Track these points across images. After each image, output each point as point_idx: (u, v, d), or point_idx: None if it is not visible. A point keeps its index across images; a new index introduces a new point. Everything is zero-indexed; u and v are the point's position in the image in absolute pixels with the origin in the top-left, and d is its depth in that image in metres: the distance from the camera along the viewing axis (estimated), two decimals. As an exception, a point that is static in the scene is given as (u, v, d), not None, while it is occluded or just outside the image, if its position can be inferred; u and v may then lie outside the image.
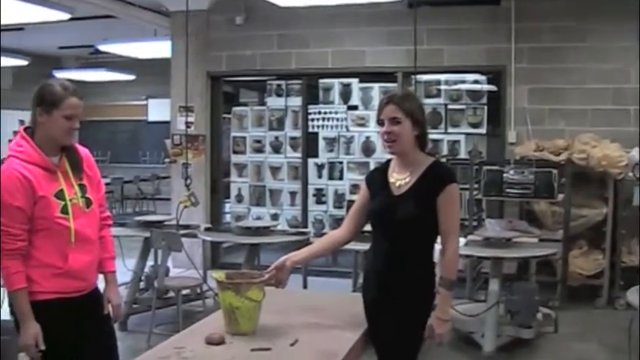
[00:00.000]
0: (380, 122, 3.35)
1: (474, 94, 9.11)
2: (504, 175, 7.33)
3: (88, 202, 3.34)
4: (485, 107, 9.00)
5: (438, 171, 3.33)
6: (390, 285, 3.31)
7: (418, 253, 3.32)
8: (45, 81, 3.30)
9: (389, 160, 3.48)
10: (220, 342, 3.02)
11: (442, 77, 9.23)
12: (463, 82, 9.21)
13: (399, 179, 3.36)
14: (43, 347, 3.16)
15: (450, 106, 9.18)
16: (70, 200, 3.24)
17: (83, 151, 3.44)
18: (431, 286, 3.34)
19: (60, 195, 3.22)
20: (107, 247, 3.53)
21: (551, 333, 6.52)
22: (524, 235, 6.68)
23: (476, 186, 7.62)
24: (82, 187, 3.33)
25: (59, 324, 3.23)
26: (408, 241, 3.30)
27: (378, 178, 3.47)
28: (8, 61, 12.44)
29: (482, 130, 9.03)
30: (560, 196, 7.31)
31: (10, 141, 3.29)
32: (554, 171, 7.24)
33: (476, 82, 9.15)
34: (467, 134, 9.10)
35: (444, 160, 8.38)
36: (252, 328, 3.18)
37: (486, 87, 9.07)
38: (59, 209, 3.20)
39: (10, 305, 3.26)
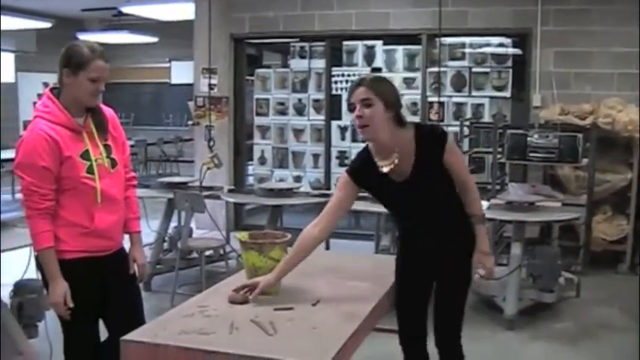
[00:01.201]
0: (351, 107, 3.23)
1: (499, 57, 9.02)
2: (528, 139, 7.28)
3: (114, 163, 3.37)
4: (510, 70, 8.92)
5: (428, 136, 3.28)
6: (437, 253, 3.39)
7: (451, 209, 3.37)
8: (72, 42, 3.30)
9: (366, 150, 3.37)
10: (244, 301, 3.05)
11: (467, 40, 9.14)
12: (488, 45, 9.11)
13: (388, 164, 3.26)
14: (71, 305, 3.22)
15: (474, 69, 9.10)
16: (96, 160, 3.27)
17: (108, 111, 3.46)
18: (472, 236, 3.43)
19: (85, 155, 3.25)
20: (132, 207, 3.56)
21: (573, 297, 6.52)
22: (547, 200, 6.65)
23: (499, 150, 7.58)
24: (107, 147, 3.35)
25: (86, 282, 3.28)
26: (437, 209, 3.33)
27: (367, 171, 3.32)
28: (31, 24, 12.43)
29: (507, 94, 8.96)
30: (585, 161, 7.26)
31: (34, 103, 3.31)
32: (579, 135, 7.18)
33: (501, 45, 9.06)
34: (491, 98, 9.03)
35: (467, 123, 8.36)
36: (275, 288, 3.20)
37: (511, 50, 8.98)
38: (85, 169, 3.23)
39: (38, 264, 3.30)
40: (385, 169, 3.27)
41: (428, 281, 3.49)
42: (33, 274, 3.45)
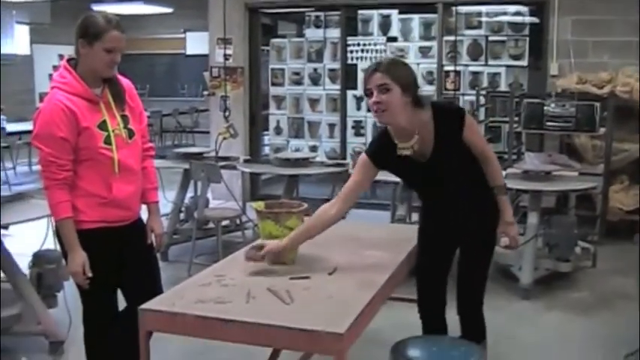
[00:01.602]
0: (367, 92, 3.20)
1: (516, 26, 8.95)
2: (545, 107, 7.23)
3: (131, 133, 3.37)
4: (527, 39, 8.85)
5: (445, 114, 3.28)
6: (459, 226, 3.42)
7: (473, 184, 3.38)
8: (88, 13, 3.29)
9: (385, 131, 3.36)
10: (260, 259, 3.12)
11: (483, 8, 9.07)
12: (504, 13, 9.04)
13: (408, 147, 3.25)
14: (90, 274, 3.24)
15: (490, 38, 9.04)
16: (113, 131, 3.28)
17: (125, 82, 3.46)
18: (494, 204, 3.45)
19: (103, 126, 3.25)
20: (150, 177, 3.57)
21: (589, 267, 6.50)
22: (563, 169, 6.62)
23: (516, 119, 7.54)
24: (124, 118, 3.36)
25: (104, 252, 3.31)
26: (459, 185, 3.34)
27: (387, 153, 3.31)
28: (46, -5, 12.45)
29: (524, 63, 8.90)
30: (602, 130, 7.21)
31: (50, 75, 3.32)
32: (597, 104, 7.12)
33: (518, 13, 8.98)
34: (508, 66, 8.97)
35: (483, 92, 8.31)
36: (292, 257, 3.22)
37: (528, 19, 8.90)
38: (102, 140, 3.24)
39: (57, 234, 3.33)
40: (406, 152, 3.26)
41: (450, 251, 3.53)
42: (51, 244, 3.48)
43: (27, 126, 10.61)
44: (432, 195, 3.50)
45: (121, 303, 3.55)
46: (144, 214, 3.57)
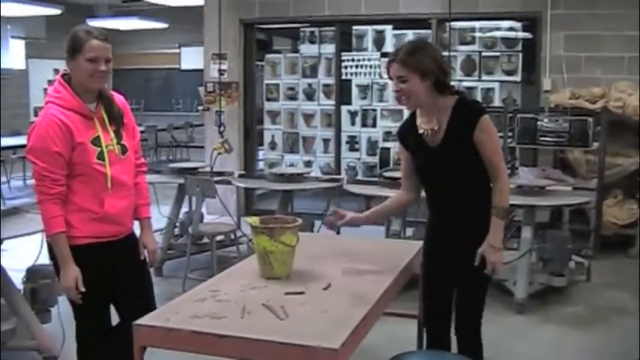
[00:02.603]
0: (390, 78, 3.32)
1: (509, 42, 9.00)
2: (538, 123, 7.27)
3: (124, 149, 3.38)
4: (520, 54, 8.89)
5: (465, 109, 3.29)
6: (460, 230, 3.40)
7: (478, 190, 3.37)
8: (73, 28, 3.31)
9: (413, 112, 3.46)
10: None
11: (477, 24, 9.11)
12: (498, 29, 9.08)
13: (427, 128, 3.33)
14: (83, 289, 3.23)
15: (484, 54, 9.08)
16: (107, 147, 3.28)
17: (118, 98, 3.47)
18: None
19: (96, 141, 3.26)
20: (142, 193, 3.57)
21: (583, 281, 6.51)
22: (557, 184, 6.65)
23: (510, 134, 7.57)
24: (117, 133, 3.36)
25: (97, 268, 3.31)
26: (463, 188, 3.33)
27: (409, 133, 3.44)
28: (42, 10, 12.46)
29: (517, 78, 8.93)
30: (595, 145, 7.25)
31: (45, 90, 3.33)
32: (590, 119, 7.16)
33: (511, 28, 9.02)
34: (501, 82, 9.01)
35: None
36: (286, 272, 3.22)
37: (521, 34, 8.95)
38: (96, 155, 3.24)
39: (50, 250, 3.33)
40: (421, 131, 3.34)
41: (453, 262, 3.47)
42: (45, 259, 3.48)
43: (21, 140, 10.61)
44: (436, 189, 3.48)
45: (114, 318, 3.55)
46: (137, 230, 3.57)
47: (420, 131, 3.35)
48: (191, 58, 15.52)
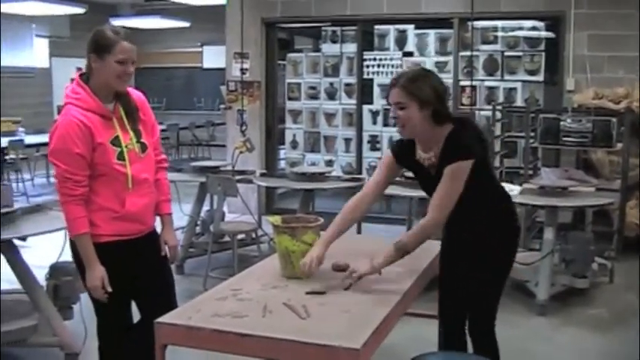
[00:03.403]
0: (389, 104, 3.27)
1: (532, 41, 8.95)
2: (561, 123, 7.22)
3: (144, 147, 3.38)
4: (543, 54, 8.84)
5: (453, 144, 3.19)
6: (464, 241, 3.40)
7: (484, 203, 3.35)
8: (97, 27, 3.31)
9: None
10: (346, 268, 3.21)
11: (499, 24, 9.06)
12: (520, 28, 9.03)
13: (425, 158, 3.31)
14: (109, 289, 3.25)
15: (506, 53, 9.03)
16: (126, 146, 3.29)
17: (137, 95, 3.46)
18: (505, 228, 3.46)
19: (116, 141, 3.26)
20: (163, 189, 3.57)
21: (606, 283, 6.47)
22: (580, 185, 6.60)
23: (532, 134, 7.53)
24: (136, 132, 3.36)
25: (119, 265, 3.32)
26: (469, 204, 3.27)
27: (408, 155, 3.38)
28: (65, 9, 12.54)
29: (540, 78, 8.88)
30: (619, 145, 7.19)
31: (66, 88, 3.33)
32: (613, 119, 7.10)
33: (534, 28, 8.97)
34: (524, 82, 8.95)
35: (499, 107, 8.29)
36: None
37: (544, 34, 8.90)
38: (116, 155, 3.25)
39: (73, 249, 3.34)
40: (420, 160, 3.32)
41: (466, 266, 3.46)
42: (68, 256, 3.50)
43: (45, 138, 10.64)
44: None
45: (135, 315, 3.56)
46: (158, 226, 3.58)
47: (417, 157, 3.33)
48: (213, 57, 15.54)
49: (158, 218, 3.59)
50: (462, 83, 8.96)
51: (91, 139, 3.18)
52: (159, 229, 3.59)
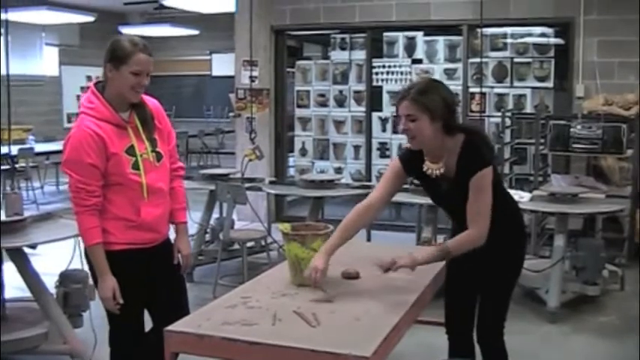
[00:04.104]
0: (398, 117, 3.22)
1: (541, 48, 8.95)
2: (571, 129, 7.21)
3: (159, 156, 3.38)
4: (553, 60, 8.83)
5: (472, 153, 3.17)
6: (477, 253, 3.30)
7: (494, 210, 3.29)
8: (116, 36, 3.31)
9: None
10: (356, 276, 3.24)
11: (508, 30, 9.07)
12: (530, 34, 9.03)
13: (434, 169, 3.27)
14: (121, 300, 3.26)
15: (516, 60, 9.03)
16: (141, 156, 3.29)
17: (152, 102, 3.46)
18: (516, 235, 3.45)
19: (131, 151, 3.26)
20: (178, 197, 3.57)
21: (617, 290, 6.44)
22: (590, 191, 6.58)
23: (542, 141, 7.52)
24: (152, 141, 3.36)
25: (132, 273, 3.32)
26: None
27: (416, 162, 3.34)
28: (74, 18, 12.58)
29: (549, 84, 8.87)
30: (629, 152, 7.17)
31: (78, 97, 3.34)
32: (624, 126, 7.08)
33: (543, 34, 8.97)
34: (533, 88, 8.95)
35: (509, 114, 8.28)
36: (318, 279, 3.21)
37: (553, 40, 8.90)
38: (130, 165, 3.25)
39: (88, 260, 3.34)
40: (429, 172, 3.29)
41: (475, 273, 3.45)
42: (78, 264, 3.50)
43: (55, 146, 10.75)
44: (452, 216, 3.52)
45: (147, 323, 3.56)
46: (172, 234, 3.58)
47: (426, 168, 3.29)
48: (222, 65, 15.55)
49: (172, 226, 3.58)
50: (472, 90, 8.96)
51: (104, 150, 3.18)
52: (172, 237, 3.59)
